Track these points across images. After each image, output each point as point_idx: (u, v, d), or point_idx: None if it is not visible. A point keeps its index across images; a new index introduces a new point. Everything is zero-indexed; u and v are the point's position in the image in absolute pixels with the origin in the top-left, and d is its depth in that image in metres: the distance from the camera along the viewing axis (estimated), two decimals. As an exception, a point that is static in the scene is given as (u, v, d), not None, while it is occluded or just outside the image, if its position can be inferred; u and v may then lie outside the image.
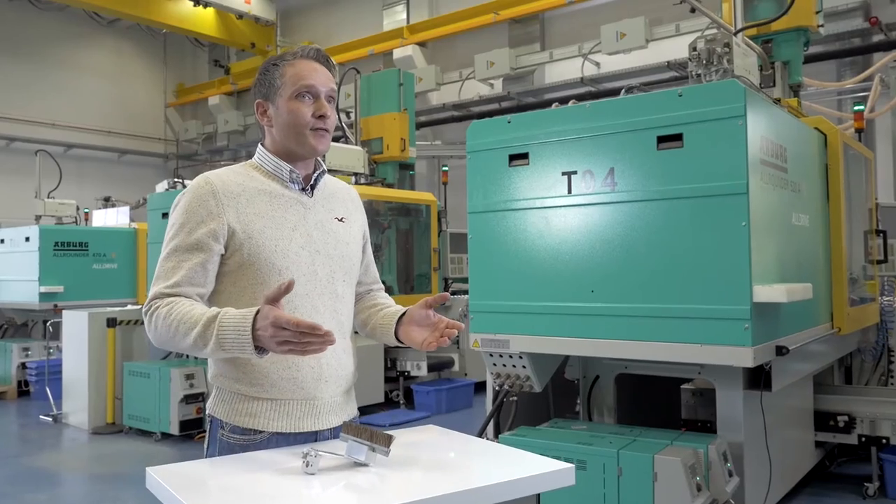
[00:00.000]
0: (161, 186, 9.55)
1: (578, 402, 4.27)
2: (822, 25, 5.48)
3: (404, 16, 13.76)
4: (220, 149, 16.77)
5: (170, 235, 1.79)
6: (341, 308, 1.90)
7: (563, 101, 10.43)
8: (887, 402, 4.41)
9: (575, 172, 3.45)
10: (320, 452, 1.53)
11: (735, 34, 4.63)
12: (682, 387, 4.72)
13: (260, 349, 1.60)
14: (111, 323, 6.70)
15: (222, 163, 15.69)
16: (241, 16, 14.64)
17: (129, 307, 7.44)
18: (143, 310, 1.77)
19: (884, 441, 4.37)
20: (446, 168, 8.38)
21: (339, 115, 6.98)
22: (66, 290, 8.52)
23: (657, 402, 4.31)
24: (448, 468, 1.54)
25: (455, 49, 13.14)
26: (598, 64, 11.47)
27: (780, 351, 3.23)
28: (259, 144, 1.93)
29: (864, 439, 4.44)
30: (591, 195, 3.39)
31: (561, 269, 3.48)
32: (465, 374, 8.04)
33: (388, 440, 1.55)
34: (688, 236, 3.14)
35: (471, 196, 3.80)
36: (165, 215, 6.85)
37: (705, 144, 3.08)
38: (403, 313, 1.95)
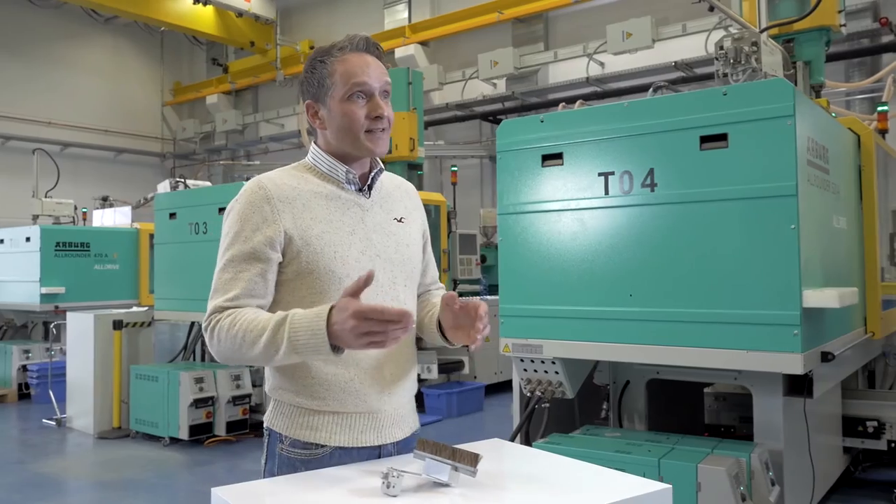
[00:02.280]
0: (163, 186, 9.41)
1: (604, 407, 4.18)
2: (844, 25, 5.41)
3: (406, 15, 13.65)
4: (219, 148, 16.61)
5: (225, 245, 1.70)
6: (404, 315, 1.80)
7: (570, 101, 10.28)
8: (917, 407, 4.34)
9: (612, 173, 3.35)
10: (402, 472, 1.43)
11: (762, 32, 4.55)
12: (706, 391, 4.64)
13: (336, 348, 1.50)
14: (117, 325, 6.58)
15: (220, 162, 15.53)
16: (240, 14, 14.49)
17: (135, 309, 7.30)
18: (203, 325, 1.68)
19: (913, 447, 4.31)
20: (455, 168, 8.29)
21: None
22: (67, 290, 8.38)
23: (676, 407, 4.21)
24: (541, 489, 1.44)
25: (457, 48, 13.03)
26: (602, 64, 11.40)
27: (826, 357, 3.15)
28: (313, 143, 1.82)
29: (893, 445, 4.37)
30: (630, 196, 3.30)
31: (597, 272, 3.39)
32: (475, 377, 7.95)
33: (475, 459, 1.45)
34: (733, 239, 3.05)
35: (501, 196, 3.70)
36: (173, 216, 6.73)
37: (752, 145, 2.99)
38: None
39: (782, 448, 3.37)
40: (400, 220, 1.84)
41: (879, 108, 5.24)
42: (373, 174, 1.80)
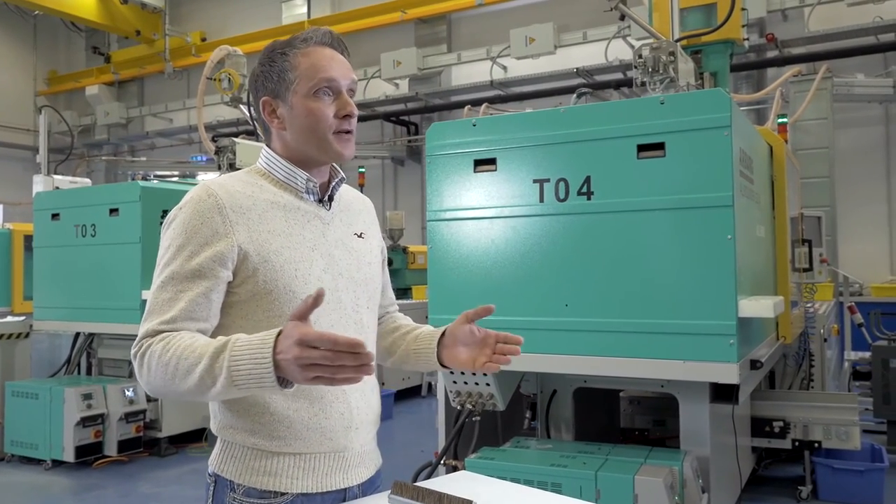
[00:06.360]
0: (38, 183, 8.63)
1: (527, 416, 4.11)
2: (746, 39, 5.64)
3: (304, 10, 13.25)
4: (100, 142, 15.53)
5: (165, 260, 1.45)
6: (367, 340, 1.62)
7: (474, 103, 10.20)
8: (818, 406, 4.54)
9: (547, 180, 3.28)
10: (385, 525, 1.26)
11: (677, 42, 4.64)
12: (621, 395, 4.67)
13: (283, 381, 1.25)
14: (-10, 337, 5.94)
15: (103, 157, 14.52)
16: (125, 1, 13.59)
17: (10, 318, 6.62)
18: (133, 351, 1.41)
19: (815, 445, 4.50)
20: (363, 170, 8.06)
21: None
22: (-75, 298, 7.53)
23: (593, 412, 4.19)
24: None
25: (359, 47, 12.75)
26: (505, 68, 11.46)
27: (755, 365, 3.20)
28: (265, 147, 1.61)
29: (797, 443, 4.54)
30: (566, 204, 3.23)
31: (532, 281, 3.30)
32: (383, 384, 7.75)
33: (467, 506, 1.29)
34: (670, 249, 3.03)
35: (430, 202, 3.56)
36: (56, 216, 6.15)
37: (689, 154, 2.99)
38: (443, 333, 1.70)
39: (709, 454, 3.40)
40: (360, 236, 1.67)
41: (779, 120, 5.48)
42: (333, 184, 1.61)
